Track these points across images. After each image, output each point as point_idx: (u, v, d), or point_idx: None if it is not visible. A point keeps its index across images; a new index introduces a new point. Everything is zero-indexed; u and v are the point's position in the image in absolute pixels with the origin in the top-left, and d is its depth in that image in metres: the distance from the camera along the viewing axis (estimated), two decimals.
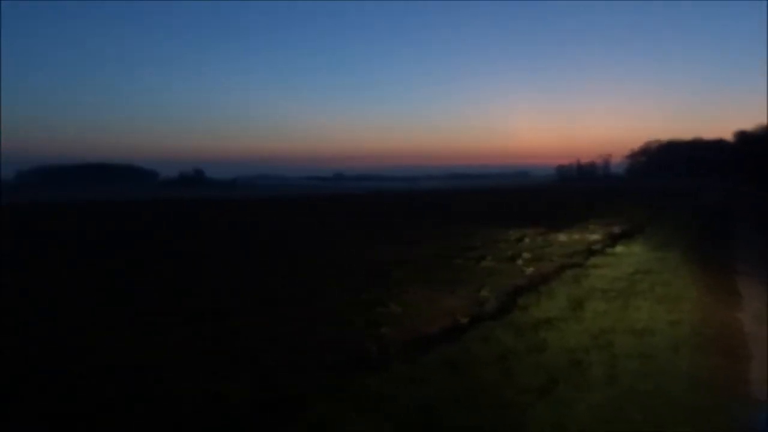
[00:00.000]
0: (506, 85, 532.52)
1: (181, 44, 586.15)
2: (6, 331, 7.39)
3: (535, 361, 5.94)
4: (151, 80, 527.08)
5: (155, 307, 8.56)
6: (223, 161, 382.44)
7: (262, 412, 4.74)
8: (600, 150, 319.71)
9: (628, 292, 9.38)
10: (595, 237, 18.15)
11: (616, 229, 20.71)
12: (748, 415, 4.84)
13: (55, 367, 5.90)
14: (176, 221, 29.40)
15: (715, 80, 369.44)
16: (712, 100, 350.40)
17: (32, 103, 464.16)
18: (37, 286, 10.62)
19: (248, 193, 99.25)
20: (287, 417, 4.61)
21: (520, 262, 13.03)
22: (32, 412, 4.81)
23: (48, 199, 62.94)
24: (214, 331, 7.26)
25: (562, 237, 18.20)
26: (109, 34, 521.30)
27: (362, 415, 4.56)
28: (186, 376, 5.59)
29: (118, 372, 5.71)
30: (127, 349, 6.49)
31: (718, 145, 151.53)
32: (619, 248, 15.18)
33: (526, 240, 17.49)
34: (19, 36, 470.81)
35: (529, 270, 11.90)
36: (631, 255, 13.83)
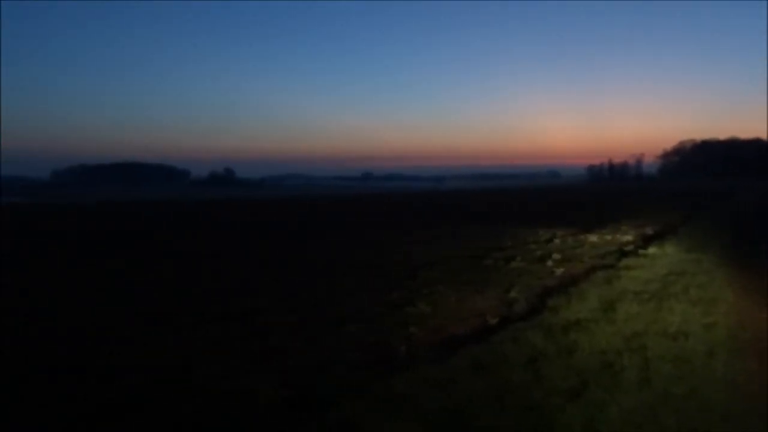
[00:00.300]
0: (536, 84, 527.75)
1: (213, 45, 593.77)
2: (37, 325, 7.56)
3: (565, 363, 5.85)
4: (185, 80, 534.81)
5: (180, 307, 8.63)
6: (253, 161, 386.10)
7: (289, 411, 4.76)
8: (632, 150, 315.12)
9: (662, 294, 9.20)
10: (627, 238, 17.85)
11: (649, 230, 20.36)
12: None
13: (78, 364, 6.01)
14: (205, 221, 29.75)
15: (750, 79, 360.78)
16: (749, 99, 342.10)
17: (68, 102, 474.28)
18: (52, 285, 10.83)
19: (276, 193, 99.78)
20: (314, 416, 4.62)
21: (550, 262, 12.88)
22: (69, 406, 4.90)
23: (82, 199, 64.01)
24: (241, 330, 7.28)
25: (593, 237, 17.94)
26: (143, 35, 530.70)
27: (389, 415, 4.54)
28: (212, 375, 5.62)
29: (145, 370, 5.78)
30: (153, 348, 6.54)
31: (756, 144, 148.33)
32: (651, 249, 14.91)
33: (556, 240, 17.28)
34: (53, 36, 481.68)
35: (560, 271, 11.75)
36: (664, 256, 13.57)
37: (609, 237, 18.09)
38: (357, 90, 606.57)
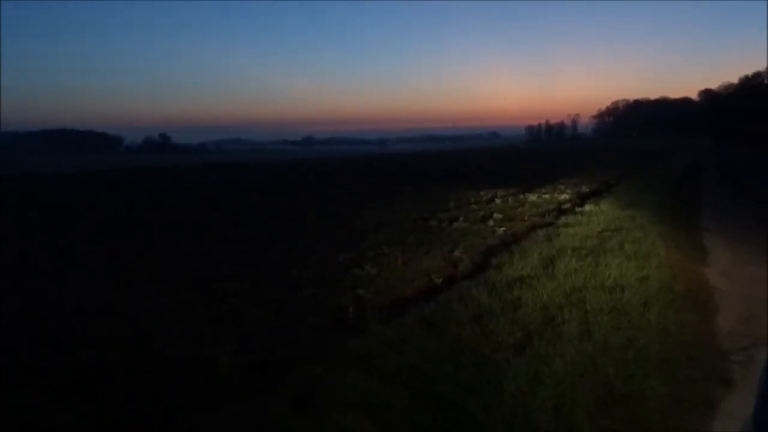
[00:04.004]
0: (478, 46, 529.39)
1: (145, 7, 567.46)
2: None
3: (510, 318, 6.03)
4: (115, 43, 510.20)
5: (136, 276, 8.44)
6: (187, 126, 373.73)
7: (250, 375, 4.79)
8: (569, 110, 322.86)
9: (599, 249, 9.54)
10: (564, 196, 18.39)
11: (585, 189, 21.00)
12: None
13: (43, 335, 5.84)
14: (148, 190, 28.92)
15: (682, 40, 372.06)
16: (680, 60, 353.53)
17: None
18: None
19: (218, 159, 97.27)
20: (275, 378, 4.66)
21: (491, 222, 13.15)
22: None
23: (30, 168, 60.42)
24: (195, 296, 7.20)
25: (533, 197, 18.39)
26: None
27: (348, 374, 4.62)
28: (171, 343, 5.52)
29: (103, 339, 5.66)
30: (111, 317, 6.40)
31: (684, 103, 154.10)
32: (588, 207, 15.40)
33: (497, 201, 17.64)
34: None
35: (501, 230, 12.02)
36: (601, 213, 14.04)
37: (548, 196, 18.57)
38: (297, 52, 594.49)
